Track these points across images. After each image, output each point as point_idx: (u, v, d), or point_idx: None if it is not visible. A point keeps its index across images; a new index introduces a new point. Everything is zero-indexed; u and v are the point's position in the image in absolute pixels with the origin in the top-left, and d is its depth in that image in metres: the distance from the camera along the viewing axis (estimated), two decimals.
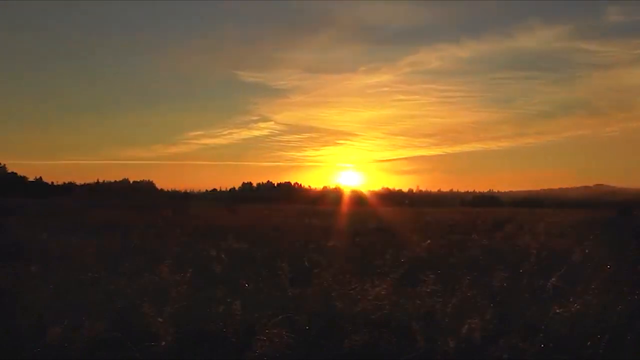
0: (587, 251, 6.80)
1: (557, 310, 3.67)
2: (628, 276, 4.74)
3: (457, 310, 3.93)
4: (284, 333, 3.34)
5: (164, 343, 3.33)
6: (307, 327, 3.69)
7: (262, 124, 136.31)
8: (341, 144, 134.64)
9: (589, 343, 3.16)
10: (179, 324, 3.61)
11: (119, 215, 15.67)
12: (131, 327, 3.61)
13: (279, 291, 4.76)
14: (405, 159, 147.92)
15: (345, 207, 30.18)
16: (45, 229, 9.59)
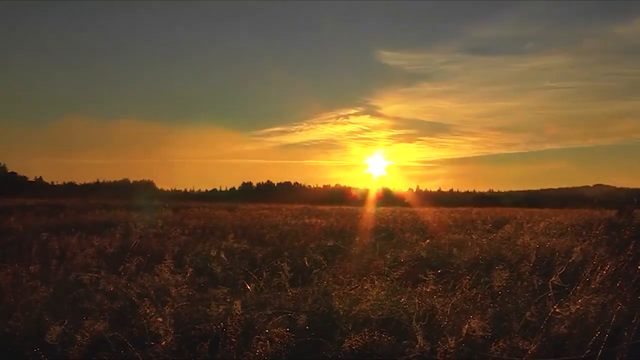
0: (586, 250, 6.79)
1: (557, 310, 3.67)
2: (628, 276, 4.73)
3: (457, 310, 3.94)
4: (284, 333, 3.34)
5: (164, 343, 3.33)
6: (307, 327, 3.70)
7: (354, 119, 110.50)
8: (420, 140, 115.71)
9: (589, 343, 3.16)
10: (179, 324, 3.62)
11: (119, 215, 15.65)
12: (131, 327, 3.62)
13: (279, 291, 4.76)
14: (473, 157, 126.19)
15: (344, 206, 30.18)
16: (45, 229, 9.57)
